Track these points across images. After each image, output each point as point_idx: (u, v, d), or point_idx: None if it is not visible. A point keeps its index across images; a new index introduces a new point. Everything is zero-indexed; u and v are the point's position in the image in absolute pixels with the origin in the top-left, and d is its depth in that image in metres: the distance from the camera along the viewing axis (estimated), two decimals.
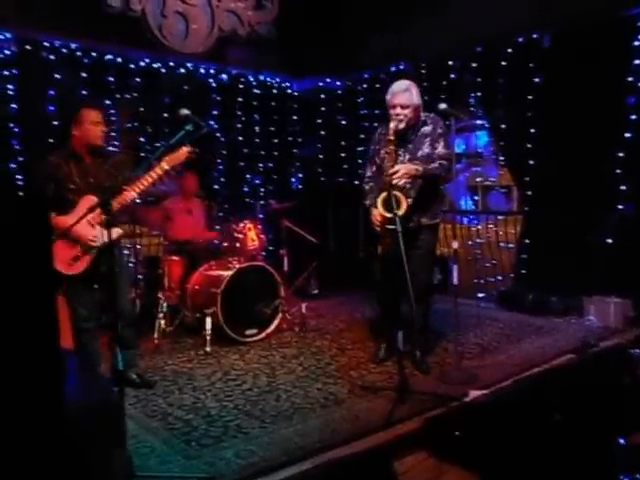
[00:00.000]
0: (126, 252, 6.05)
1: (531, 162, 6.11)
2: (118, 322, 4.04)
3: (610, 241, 5.51)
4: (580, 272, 5.58)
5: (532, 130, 6.05)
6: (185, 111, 3.76)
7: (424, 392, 3.86)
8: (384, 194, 4.03)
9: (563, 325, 5.60)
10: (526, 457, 2.94)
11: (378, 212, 4.14)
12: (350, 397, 3.99)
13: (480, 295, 6.62)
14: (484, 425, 3.18)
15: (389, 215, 3.95)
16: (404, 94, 4.18)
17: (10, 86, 5.74)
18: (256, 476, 3.01)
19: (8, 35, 5.70)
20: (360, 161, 6.80)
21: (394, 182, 3.99)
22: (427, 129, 4.32)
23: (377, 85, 7.13)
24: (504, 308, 6.28)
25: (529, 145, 6.08)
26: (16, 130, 5.78)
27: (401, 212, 3.94)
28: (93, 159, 4.10)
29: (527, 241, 6.26)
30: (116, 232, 3.99)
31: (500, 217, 6.75)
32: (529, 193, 6.24)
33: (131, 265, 6.06)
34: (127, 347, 4.21)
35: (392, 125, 4.11)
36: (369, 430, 3.42)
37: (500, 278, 6.65)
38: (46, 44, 5.94)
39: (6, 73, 5.71)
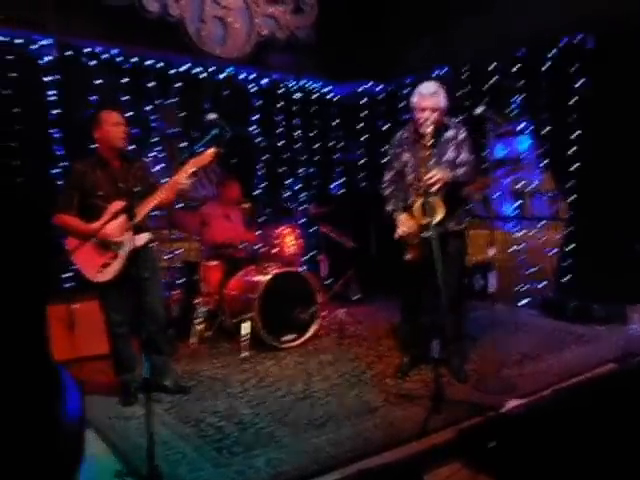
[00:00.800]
0: (168, 256, 6.17)
1: (575, 167, 5.95)
2: (149, 327, 4.13)
3: None
4: (624, 279, 5.39)
5: (576, 134, 5.89)
6: (212, 115, 3.77)
7: (460, 401, 3.80)
8: (420, 200, 3.97)
9: (605, 333, 5.41)
10: (564, 472, 2.84)
11: (406, 217, 4.10)
12: (385, 405, 3.94)
13: (522, 302, 6.50)
14: (521, 436, 3.09)
15: (425, 222, 3.89)
16: (433, 97, 4.10)
17: (52, 92, 5.79)
18: None
19: (49, 41, 5.74)
20: None
21: (433, 189, 3.92)
22: (451, 133, 4.24)
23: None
24: (546, 315, 6.12)
25: (573, 149, 5.93)
26: (58, 136, 5.83)
27: (438, 218, 3.90)
28: (120, 164, 4.10)
29: (570, 247, 6.10)
30: (144, 238, 4.02)
31: (543, 223, 6.60)
32: (573, 198, 6.08)
33: (169, 270, 6.11)
34: (159, 352, 4.25)
35: (428, 130, 4.01)
36: (402, 439, 3.38)
37: (542, 285, 6.49)
38: (87, 50, 5.99)
39: (48, 79, 5.77)
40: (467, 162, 4.18)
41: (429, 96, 4.10)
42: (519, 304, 6.46)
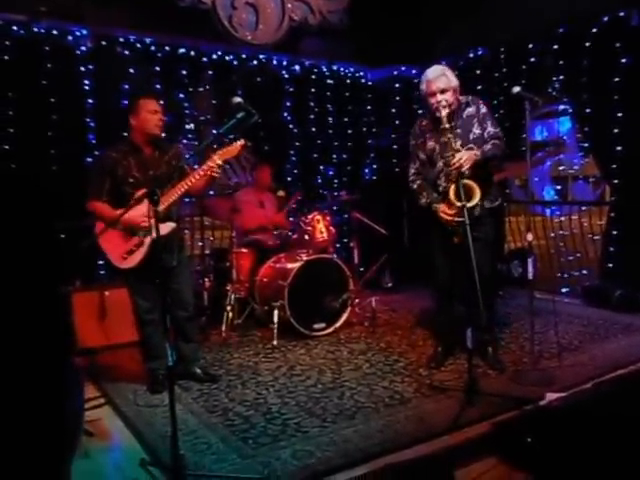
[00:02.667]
0: (199, 244, 6.16)
1: (619, 149, 5.66)
2: (178, 315, 4.08)
3: None
4: None
5: (619, 114, 5.60)
6: (237, 99, 3.64)
7: (495, 393, 3.60)
8: (453, 186, 3.76)
9: None
10: (606, 471, 2.60)
11: (446, 206, 3.91)
12: (416, 397, 3.77)
13: (563, 290, 6.23)
14: (561, 432, 2.86)
15: (458, 204, 3.68)
16: (441, 78, 3.97)
17: (86, 81, 5.81)
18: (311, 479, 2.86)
19: (84, 32, 5.77)
20: None
21: (462, 170, 3.74)
22: (470, 110, 4.09)
23: (455, 72, 6.76)
24: (589, 304, 5.85)
25: (616, 131, 5.63)
26: (92, 125, 5.84)
27: (474, 201, 3.73)
28: (152, 151, 4.03)
29: (615, 233, 5.80)
30: (169, 226, 3.93)
31: (585, 208, 6.30)
32: (617, 182, 5.79)
33: (200, 257, 6.08)
34: (188, 340, 4.20)
35: (444, 113, 3.82)
36: (434, 433, 3.21)
37: (585, 272, 6.22)
38: (121, 39, 5.99)
39: (82, 69, 5.78)
40: (495, 135, 4.03)
41: (436, 78, 3.98)
42: (560, 292, 6.19)
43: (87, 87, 5.81)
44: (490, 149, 3.95)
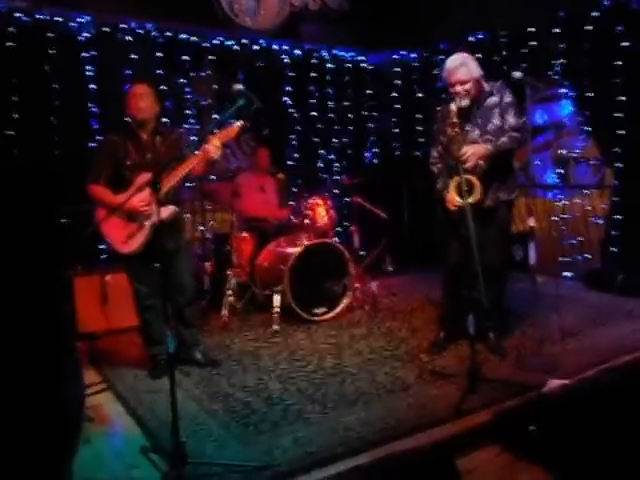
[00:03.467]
0: (200, 228, 6.11)
1: (621, 132, 5.50)
2: (177, 300, 4.01)
3: None
4: None
5: (622, 98, 5.44)
6: (238, 86, 3.58)
7: (498, 380, 3.48)
8: (457, 178, 3.65)
9: None
10: (610, 459, 2.48)
11: (451, 197, 3.77)
12: (418, 383, 3.65)
13: (566, 274, 6.08)
14: (564, 419, 2.73)
15: (460, 202, 3.59)
16: (461, 69, 3.80)
17: (89, 67, 5.77)
18: (312, 467, 2.77)
19: (87, 18, 5.73)
20: None
21: (465, 166, 3.62)
22: (494, 99, 3.91)
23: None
24: (591, 288, 5.70)
25: (618, 114, 5.48)
26: (95, 110, 5.80)
27: (473, 199, 3.60)
28: (150, 135, 3.96)
29: (618, 217, 5.66)
30: (169, 210, 3.83)
31: (587, 191, 6.15)
32: (619, 165, 5.64)
33: (201, 241, 6.03)
34: (188, 325, 4.13)
35: (453, 107, 3.71)
36: (435, 421, 3.10)
37: (588, 256, 6.07)
38: (123, 26, 5.94)
39: (85, 55, 5.75)
40: (515, 127, 3.84)
41: (455, 69, 3.82)
42: (562, 276, 6.04)
43: (89, 73, 5.80)
44: (505, 142, 3.79)
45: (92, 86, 5.76)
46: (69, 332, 3.86)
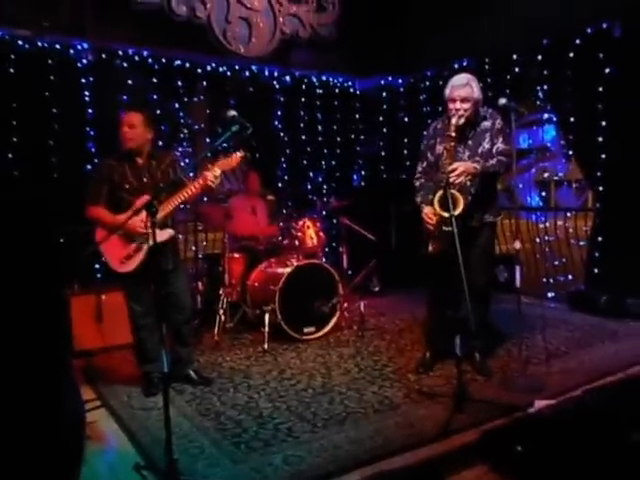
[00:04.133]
0: (193, 248, 6.10)
1: (602, 156, 5.53)
2: (175, 318, 3.99)
3: None
4: None
5: (603, 123, 5.47)
6: (232, 112, 3.55)
7: (484, 400, 3.45)
8: (440, 192, 3.65)
9: None
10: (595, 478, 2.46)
11: (431, 210, 3.77)
12: (406, 402, 3.61)
13: (549, 295, 6.09)
14: (550, 440, 2.70)
15: (446, 215, 3.56)
16: (465, 88, 3.82)
17: (87, 92, 5.80)
18: None
19: (86, 45, 5.78)
20: None
21: (451, 180, 3.62)
22: (486, 124, 3.94)
23: (440, 82, 6.68)
24: (575, 310, 5.69)
25: (600, 139, 5.51)
26: (92, 134, 5.82)
27: (457, 212, 3.58)
28: (146, 160, 3.96)
29: (600, 239, 5.65)
30: (167, 233, 3.86)
31: (569, 213, 6.16)
32: (601, 188, 5.66)
33: (194, 261, 5.99)
34: (184, 344, 4.10)
35: (453, 121, 3.73)
36: (423, 440, 3.06)
37: (571, 277, 6.08)
38: (120, 52, 5.99)
39: (83, 80, 5.78)
40: (502, 152, 3.88)
41: (460, 87, 3.83)
42: (546, 297, 6.04)
43: (87, 98, 5.82)
44: (493, 165, 3.81)
45: (90, 110, 5.78)
46: (67, 350, 3.84)
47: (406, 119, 7.55)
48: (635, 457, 2.47)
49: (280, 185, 7.12)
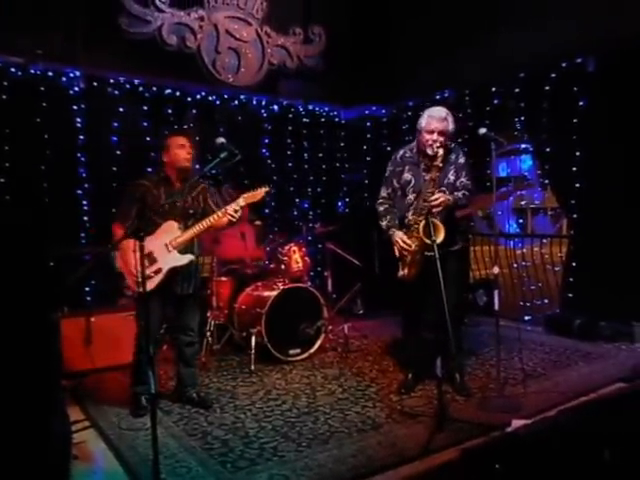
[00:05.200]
0: None
1: (577, 185, 5.66)
2: (182, 340, 4.05)
3: None
4: (630, 296, 5.07)
5: (577, 153, 5.61)
6: (221, 139, 3.62)
7: (464, 420, 3.50)
8: (424, 221, 3.74)
9: (613, 351, 5.06)
10: None
11: (404, 236, 3.90)
12: (388, 422, 3.65)
13: (526, 318, 6.18)
14: (527, 458, 2.76)
15: (428, 241, 3.65)
16: (443, 122, 3.90)
17: (78, 119, 5.82)
18: None
19: (77, 73, 5.82)
20: None
21: (434, 210, 3.73)
22: (452, 157, 4.05)
23: (421, 112, 6.79)
24: (550, 332, 5.76)
25: (574, 168, 5.65)
26: (83, 159, 5.84)
27: (440, 239, 3.67)
28: (182, 185, 3.97)
29: (574, 264, 5.76)
30: (187, 258, 3.88)
31: (546, 240, 6.28)
32: (575, 216, 5.78)
33: None
34: (187, 365, 4.11)
35: (430, 152, 3.80)
36: (405, 459, 3.10)
37: (547, 301, 6.18)
38: (111, 80, 6.03)
39: (75, 107, 5.81)
40: (466, 186, 4.00)
41: (439, 120, 3.90)
42: (523, 320, 6.12)
43: (79, 124, 5.84)
44: (460, 198, 3.94)
45: (81, 137, 5.80)
46: (57, 372, 3.81)
47: (389, 148, 7.55)
48: (607, 474, 2.53)
49: (267, 211, 7.16)
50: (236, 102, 6.90)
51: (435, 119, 3.90)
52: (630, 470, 2.51)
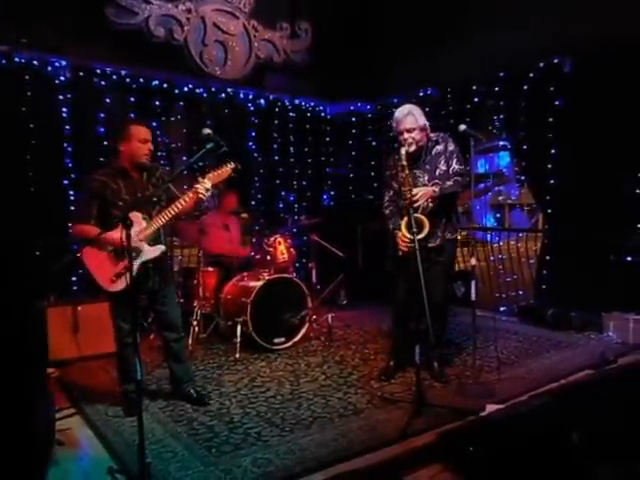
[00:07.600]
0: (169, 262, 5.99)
1: (552, 181, 5.78)
2: (167, 336, 3.91)
3: (630, 259, 5.14)
4: (599, 288, 5.22)
5: (553, 151, 5.73)
6: (207, 130, 3.53)
7: (441, 405, 3.59)
8: (406, 218, 3.79)
9: (582, 340, 5.22)
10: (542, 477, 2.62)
11: (402, 234, 3.91)
12: (369, 407, 3.74)
13: (501, 309, 6.31)
14: (499, 441, 2.86)
15: (410, 237, 3.71)
16: (407, 118, 3.97)
17: (64, 109, 5.77)
18: None
19: (63, 63, 5.75)
20: None
21: (415, 205, 3.77)
22: (439, 148, 4.10)
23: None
24: (524, 322, 5.91)
25: (550, 165, 5.76)
26: (69, 149, 5.80)
27: (423, 234, 3.74)
28: (140, 174, 3.75)
29: (547, 257, 5.91)
30: (159, 249, 3.70)
31: (521, 234, 6.41)
32: (550, 211, 5.91)
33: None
34: (178, 361, 3.96)
35: (402, 151, 3.85)
36: (384, 442, 3.19)
37: (521, 292, 6.32)
38: (98, 71, 5.97)
39: (61, 97, 5.75)
40: (459, 172, 4.04)
41: (403, 118, 3.98)
42: (499, 310, 6.27)
43: (65, 114, 5.77)
44: (451, 185, 3.96)
45: (67, 127, 5.74)
46: (42, 359, 3.80)
47: (374, 143, 7.76)
48: (575, 455, 2.64)
49: (253, 203, 7.19)
50: (223, 95, 6.88)
51: (400, 119, 3.99)
52: (597, 452, 2.62)
